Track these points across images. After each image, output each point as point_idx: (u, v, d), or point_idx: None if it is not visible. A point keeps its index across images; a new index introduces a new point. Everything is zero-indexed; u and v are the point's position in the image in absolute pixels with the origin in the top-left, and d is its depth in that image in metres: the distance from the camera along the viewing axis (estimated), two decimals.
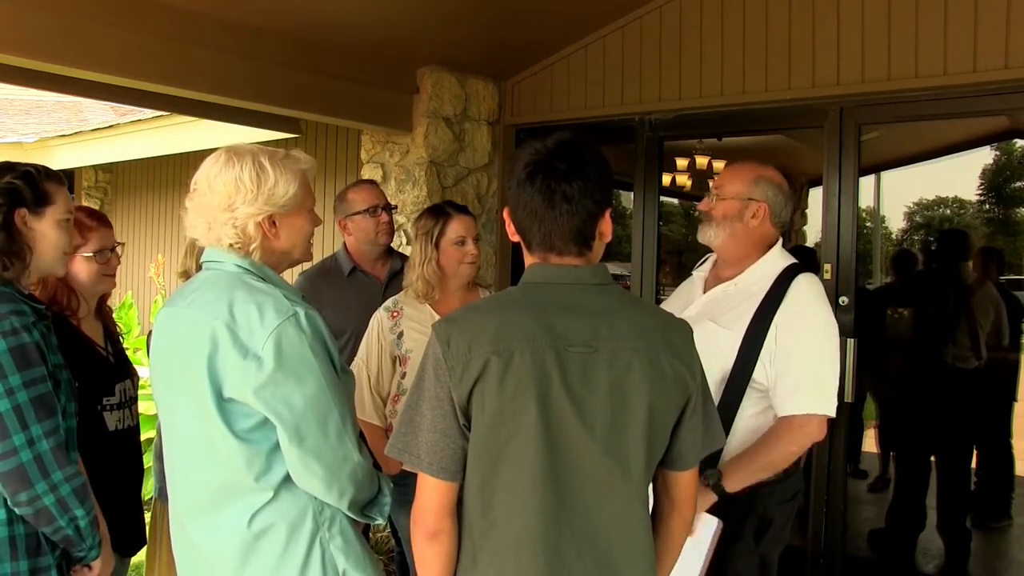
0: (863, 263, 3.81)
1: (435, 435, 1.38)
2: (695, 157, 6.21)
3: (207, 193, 1.61)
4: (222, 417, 1.53)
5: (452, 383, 1.36)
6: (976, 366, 3.83)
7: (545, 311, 1.40)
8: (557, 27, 3.89)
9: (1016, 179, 4.26)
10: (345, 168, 5.15)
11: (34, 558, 1.77)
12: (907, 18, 3.17)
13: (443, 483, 1.39)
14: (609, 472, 1.40)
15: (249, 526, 1.56)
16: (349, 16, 3.31)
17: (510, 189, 1.48)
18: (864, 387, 3.75)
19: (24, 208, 1.81)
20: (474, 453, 1.38)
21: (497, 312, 1.41)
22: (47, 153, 6.90)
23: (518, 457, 1.36)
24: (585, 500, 1.39)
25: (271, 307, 1.53)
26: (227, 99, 3.37)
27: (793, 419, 1.98)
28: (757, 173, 2.17)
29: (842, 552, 3.46)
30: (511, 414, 1.35)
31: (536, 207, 1.43)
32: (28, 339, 1.72)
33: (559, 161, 1.43)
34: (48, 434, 1.72)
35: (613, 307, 1.45)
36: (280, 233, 1.65)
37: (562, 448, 1.37)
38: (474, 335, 1.37)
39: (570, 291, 1.44)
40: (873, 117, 3.41)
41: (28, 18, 2.70)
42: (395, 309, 2.66)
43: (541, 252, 1.46)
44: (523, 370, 1.35)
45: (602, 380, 1.38)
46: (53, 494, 1.71)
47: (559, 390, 1.36)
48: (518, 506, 1.37)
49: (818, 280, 2.13)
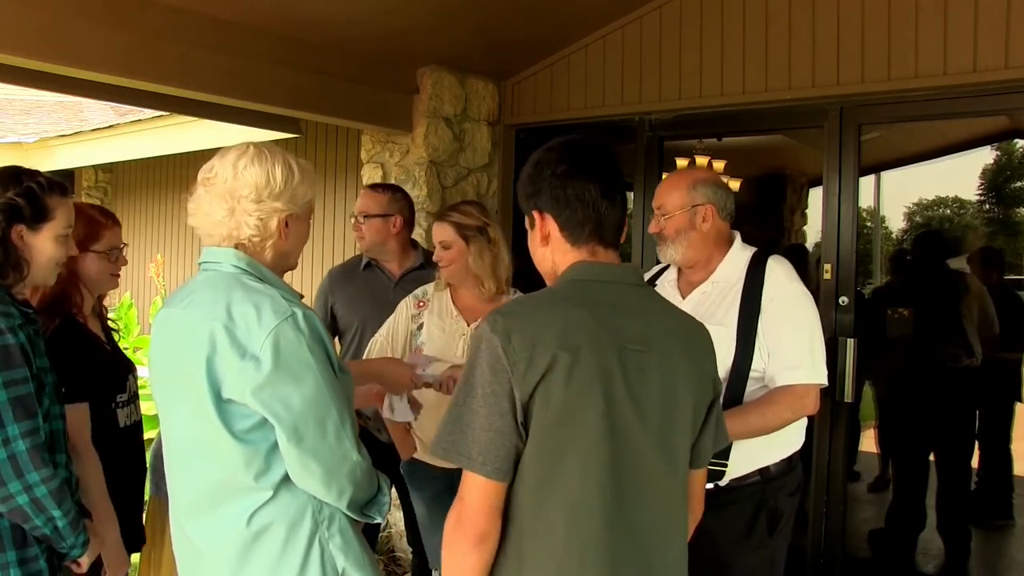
0: (863, 263, 3.81)
1: (489, 433, 1.32)
2: (695, 157, 6.21)
3: (231, 181, 1.60)
4: (221, 417, 1.53)
5: (514, 379, 1.31)
6: (969, 364, 3.83)
7: (600, 309, 1.40)
8: (557, 27, 3.89)
9: (1016, 179, 4.25)
10: (345, 168, 5.15)
11: (21, 549, 1.78)
12: (907, 18, 3.17)
13: (495, 483, 1.33)
14: (661, 471, 1.42)
15: (248, 525, 1.56)
16: (349, 16, 3.31)
17: (541, 184, 1.46)
18: (862, 386, 3.75)
19: (22, 224, 1.83)
20: (532, 452, 1.34)
21: (556, 308, 1.39)
22: (47, 153, 6.90)
23: (583, 456, 1.33)
24: (639, 499, 1.39)
25: (269, 308, 1.54)
26: (227, 99, 3.37)
27: (796, 387, 2.06)
28: (691, 179, 2.23)
29: (842, 552, 3.46)
30: (576, 412, 1.33)
31: (592, 198, 1.43)
32: (12, 340, 1.73)
33: (601, 154, 1.47)
34: (25, 435, 1.72)
35: (651, 307, 1.49)
36: (289, 235, 1.67)
37: (623, 447, 1.36)
38: (538, 331, 1.33)
39: (617, 289, 1.45)
40: (873, 117, 3.40)
41: (28, 18, 2.70)
42: (423, 299, 2.68)
43: (590, 245, 1.46)
44: (589, 367, 1.33)
45: (655, 379, 1.40)
46: (27, 494, 1.72)
47: (621, 388, 1.35)
48: (580, 506, 1.34)
49: (786, 260, 2.22)
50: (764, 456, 2.11)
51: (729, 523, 2.08)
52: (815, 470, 3.41)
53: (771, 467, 2.12)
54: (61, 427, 1.88)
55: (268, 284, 1.61)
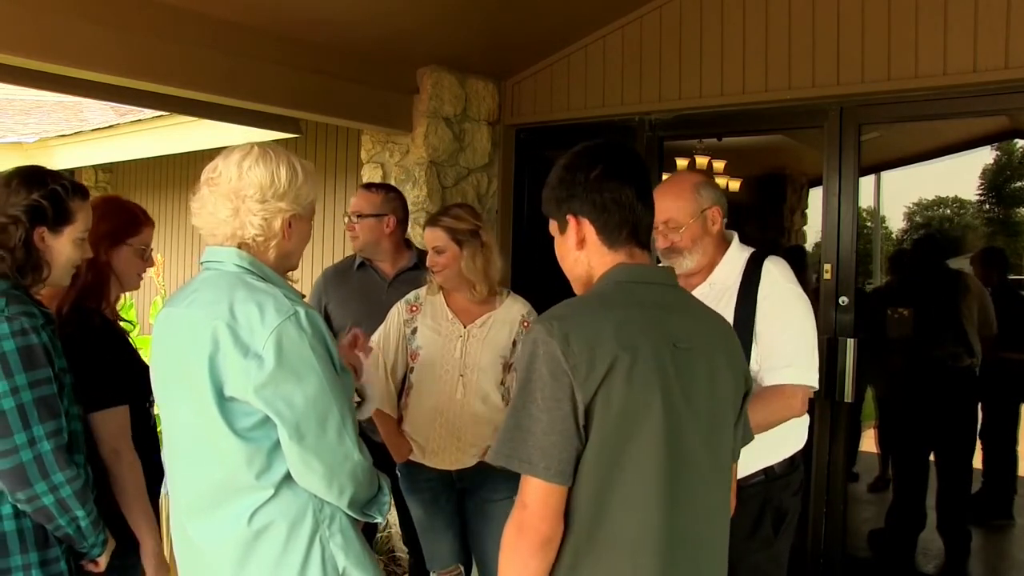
0: (863, 263, 3.81)
1: (553, 437, 1.31)
2: (695, 157, 6.21)
3: (236, 181, 1.61)
4: (223, 416, 1.53)
5: (576, 382, 1.30)
6: (970, 364, 3.83)
7: (647, 309, 1.42)
8: (557, 27, 3.89)
9: (1016, 179, 4.26)
10: (345, 168, 5.15)
11: (43, 550, 1.79)
12: (907, 18, 3.17)
13: (558, 487, 1.33)
14: (709, 468, 1.43)
15: (249, 524, 1.56)
16: (349, 16, 3.31)
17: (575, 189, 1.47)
18: (863, 386, 3.75)
19: (44, 227, 1.84)
20: (592, 453, 1.33)
21: (608, 310, 1.39)
22: (47, 153, 6.90)
23: (642, 455, 1.34)
24: (692, 497, 1.40)
25: (272, 306, 1.54)
26: (227, 99, 3.37)
27: (784, 387, 2.05)
28: (690, 183, 2.21)
29: (842, 552, 3.46)
30: (636, 412, 1.33)
31: (628, 200, 1.45)
32: (36, 340, 1.75)
33: (633, 157, 1.51)
34: (50, 435, 1.73)
35: (691, 307, 1.53)
36: (292, 235, 1.67)
37: (678, 445, 1.37)
38: (595, 332, 1.33)
39: (659, 290, 1.47)
40: (873, 117, 3.40)
41: (28, 18, 2.70)
42: (415, 303, 2.67)
43: (628, 248, 1.47)
44: (647, 367, 1.34)
45: (702, 377, 1.43)
46: (52, 495, 1.73)
47: (675, 387, 1.37)
48: (639, 505, 1.35)
49: (784, 261, 2.21)
50: (769, 455, 2.10)
51: (735, 522, 2.07)
52: (815, 470, 3.41)
53: (775, 466, 2.12)
54: (79, 428, 1.88)
55: (271, 283, 1.62)
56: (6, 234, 1.80)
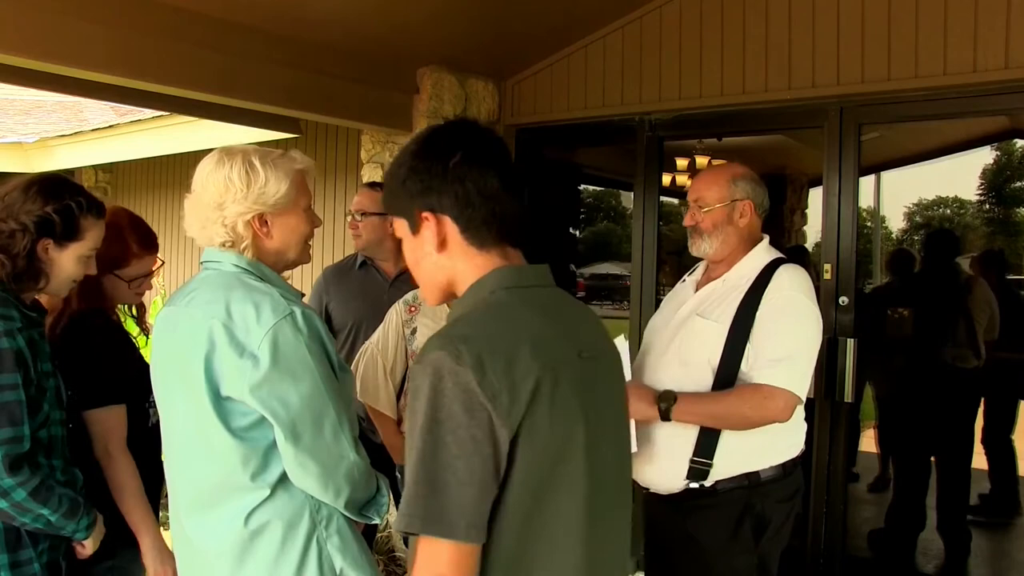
0: (863, 263, 3.81)
1: (470, 489, 1.06)
2: (695, 157, 6.21)
3: (201, 192, 1.63)
4: (219, 415, 1.53)
5: (497, 416, 1.07)
6: (976, 365, 3.83)
7: (551, 317, 1.21)
8: (557, 27, 3.89)
9: (1016, 179, 4.26)
10: (345, 168, 5.15)
11: (14, 552, 1.78)
12: (907, 18, 3.17)
13: (476, 547, 1.09)
14: (618, 488, 1.28)
15: (246, 524, 1.56)
16: (349, 16, 3.31)
17: (431, 180, 1.21)
18: (862, 386, 3.76)
19: (51, 239, 1.83)
20: (513, 499, 1.10)
21: (516, 322, 1.16)
22: (47, 153, 6.90)
23: (567, 494, 1.14)
24: (606, 517, 1.24)
25: (268, 306, 1.54)
26: (227, 99, 3.36)
27: (763, 387, 1.99)
28: (731, 173, 2.21)
29: (842, 552, 3.46)
30: (560, 439, 1.13)
31: (493, 191, 1.20)
32: (6, 345, 1.72)
33: (492, 137, 1.27)
34: (3, 442, 1.69)
35: (576, 308, 1.33)
36: (273, 232, 1.66)
37: (597, 468, 1.18)
38: (511, 352, 1.10)
39: (546, 294, 1.26)
40: (873, 117, 3.40)
41: (28, 18, 2.70)
42: (413, 304, 2.66)
43: (500, 247, 1.23)
44: (569, 388, 1.14)
45: (606, 387, 1.27)
46: (5, 499, 1.70)
47: (591, 407, 1.18)
48: (563, 548, 1.15)
49: (803, 271, 2.16)
50: (754, 460, 2.06)
51: (713, 527, 2.05)
52: (815, 470, 3.41)
53: (760, 472, 2.06)
54: (60, 432, 1.87)
55: (268, 283, 1.62)
56: (12, 240, 1.80)
